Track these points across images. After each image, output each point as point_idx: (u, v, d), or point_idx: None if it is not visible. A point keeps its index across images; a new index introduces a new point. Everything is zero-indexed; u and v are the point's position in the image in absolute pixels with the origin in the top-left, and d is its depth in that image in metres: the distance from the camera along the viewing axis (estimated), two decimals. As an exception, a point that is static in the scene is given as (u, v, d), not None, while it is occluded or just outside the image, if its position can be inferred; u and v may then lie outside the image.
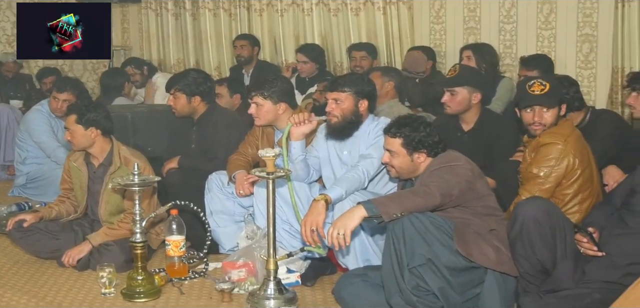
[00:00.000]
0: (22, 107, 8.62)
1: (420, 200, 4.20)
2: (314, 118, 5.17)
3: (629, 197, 4.37)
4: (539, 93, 4.82)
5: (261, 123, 5.52)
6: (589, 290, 4.12)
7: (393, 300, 4.17)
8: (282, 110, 5.46)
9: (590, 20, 7.08)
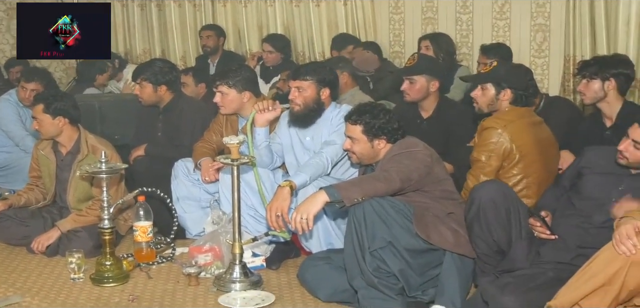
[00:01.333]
0: (-10, 96, 8.54)
1: (380, 185, 4.23)
2: (277, 105, 5.18)
3: (576, 180, 4.43)
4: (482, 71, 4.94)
5: (226, 111, 5.53)
6: (543, 270, 4.18)
7: (355, 281, 4.19)
8: (246, 99, 5.47)
9: (543, 10, 7.14)
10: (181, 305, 4.51)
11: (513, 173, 4.76)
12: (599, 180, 4.32)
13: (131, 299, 4.57)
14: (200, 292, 4.68)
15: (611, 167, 4.29)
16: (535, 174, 4.79)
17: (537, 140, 4.84)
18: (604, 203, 4.23)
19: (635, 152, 4.15)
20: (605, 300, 3.75)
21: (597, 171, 4.36)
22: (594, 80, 5.05)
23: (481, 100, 4.95)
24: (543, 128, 4.97)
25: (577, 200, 4.35)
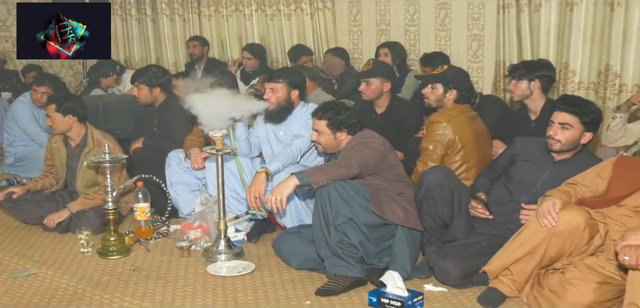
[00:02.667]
0: (10, 98, 8.49)
1: (342, 171, 4.25)
2: None
3: (509, 165, 4.48)
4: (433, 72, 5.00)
5: None
6: (478, 240, 4.25)
7: (322, 252, 4.22)
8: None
9: (478, 22, 7.17)
10: (175, 273, 4.50)
11: (455, 159, 4.79)
12: (528, 166, 4.37)
13: (132, 269, 4.56)
14: (191, 262, 4.69)
15: (538, 155, 4.34)
16: (473, 160, 4.82)
17: (474, 132, 4.87)
18: (531, 186, 4.28)
19: (564, 132, 4.18)
20: (531, 265, 3.81)
21: (526, 159, 4.40)
22: (522, 81, 5.10)
23: (431, 97, 4.99)
24: (478, 121, 5.01)
25: (509, 183, 4.40)
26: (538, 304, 3.79)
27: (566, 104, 4.25)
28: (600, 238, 3.75)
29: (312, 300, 4.02)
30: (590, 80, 6.39)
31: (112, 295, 4.16)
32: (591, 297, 3.64)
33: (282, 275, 4.42)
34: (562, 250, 3.73)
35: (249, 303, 4.01)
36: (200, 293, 4.18)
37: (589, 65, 6.37)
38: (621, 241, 3.31)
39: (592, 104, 4.37)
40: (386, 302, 3.84)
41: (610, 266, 3.68)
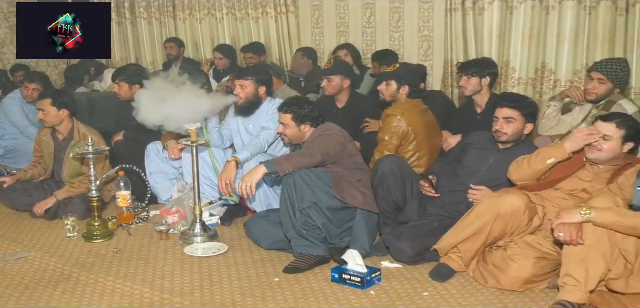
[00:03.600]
0: (0, 95, 8.34)
1: (306, 160, 4.26)
2: None
3: (461, 153, 4.52)
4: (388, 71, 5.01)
5: None
6: (430, 221, 4.28)
7: (289, 233, 4.22)
8: (204, 96, 5.45)
9: (428, 25, 7.19)
10: (155, 255, 4.48)
11: (409, 149, 4.81)
12: (476, 153, 4.41)
13: (116, 252, 4.53)
14: (170, 244, 4.67)
15: (486, 144, 4.39)
16: (425, 150, 4.84)
17: (425, 124, 4.90)
18: (477, 171, 4.33)
19: (509, 126, 4.24)
20: (477, 243, 3.85)
21: (475, 147, 4.45)
22: (474, 78, 5.14)
23: (386, 93, 4.99)
24: (429, 114, 5.03)
25: (459, 169, 4.44)
26: (483, 278, 3.83)
27: (507, 101, 4.31)
28: (538, 219, 3.81)
29: (280, 277, 4.02)
30: (529, 76, 6.45)
31: (97, 276, 4.12)
32: (531, 271, 3.69)
33: (253, 255, 4.41)
34: (505, 230, 3.78)
35: (223, 281, 3.99)
36: (178, 272, 4.16)
37: (528, 63, 6.43)
38: (557, 219, 3.36)
39: (529, 98, 4.47)
40: (347, 277, 3.85)
41: (547, 243, 3.74)
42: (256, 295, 3.78)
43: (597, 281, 3.31)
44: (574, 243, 3.29)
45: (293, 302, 3.67)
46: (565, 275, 3.37)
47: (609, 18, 5.96)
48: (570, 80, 6.13)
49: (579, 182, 3.87)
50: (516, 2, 6.37)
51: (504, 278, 3.72)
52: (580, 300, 3.33)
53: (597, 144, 3.71)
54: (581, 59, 6.13)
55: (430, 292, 3.77)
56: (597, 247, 3.29)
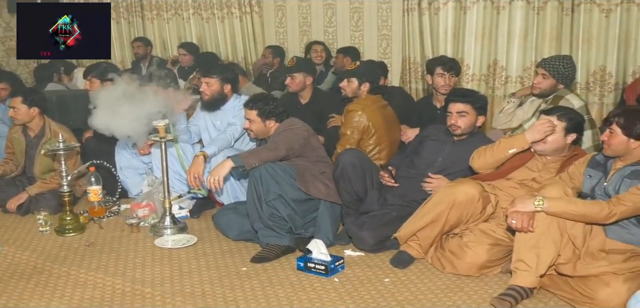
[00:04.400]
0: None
1: (271, 154, 4.27)
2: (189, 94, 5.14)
3: (419, 145, 4.55)
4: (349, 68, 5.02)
5: None
6: (389, 211, 4.29)
7: (255, 224, 4.22)
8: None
9: (386, 24, 7.24)
10: (126, 247, 4.43)
11: (369, 143, 4.83)
12: (432, 145, 4.45)
13: (87, 245, 4.47)
14: (141, 237, 4.63)
15: (442, 136, 4.43)
16: (385, 143, 4.86)
17: (385, 118, 4.92)
18: (433, 162, 4.38)
19: (462, 119, 4.29)
20: (434, 231, 3.89)
21: (432, 139, 4.49)
22: (455, 77, 5.17)
23: (347, 89, 5.00)
24: (388, 109, 5.05)
25: (416, 160, 4.48)
26: (441, 264, 3.87)
27: (459, 96, 4.37)
28: (491, 207, 3.87)
29: (248, 267, 4.01)
30: (482, 73, 6.54)
31: (69, 268, 4.07)
32: (485, 257, 3.74)
33: (221, 246, 4.40)
34: (460, 218, 3.83)
35: (193, 271, 3.97)
36: (149, 263, 4.13)
37: (480, 60, 6.52)
38: (511, 207, 3.42)
39: (479, 92, 4.55)
40: (312, 266, 3.86)
41: (500, 230, 3.79)
42: (225, 284, 3.77)
43: (547, 266, 3.37)
44: (525, 230, 3.35)
45: (260, 290, 3.67)
46: (517, 260, 3.42)
47: (556, 17, 6.08)
48: (520, 76, 6.23)
49: (528, 172, 3.94)
50: (469, 2, 6.45)
51: (460, 264, 3.77)
52: (531, 284, 3.39)
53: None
54: (530, 56, 6.24)
55: (391, 278, 3.79)
56: (547, 234, 3.34)
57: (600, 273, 3.26)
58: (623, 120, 3.38)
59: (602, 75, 6.00)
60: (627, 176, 3.36)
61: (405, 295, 3.58)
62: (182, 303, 3.56)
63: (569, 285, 3.38)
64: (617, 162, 3.46)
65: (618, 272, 3.24)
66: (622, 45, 5.89)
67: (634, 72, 5.82)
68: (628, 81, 5.84)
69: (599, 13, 5.90)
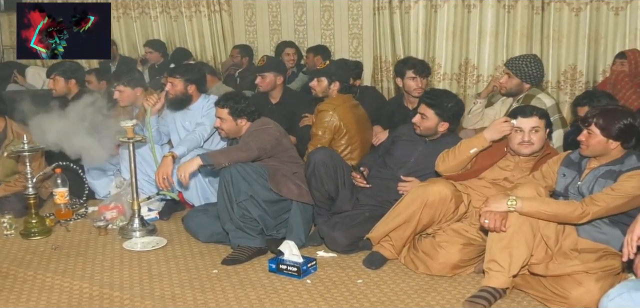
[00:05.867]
0: None
1: (243, 154, 4.26)
2: (161, 95, 5.08)
3: (391, 145, 4.56)
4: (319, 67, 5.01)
5: (124, 104, 5.39)
6: (362, 211, 4.30)
7: (226, 226, 4.20)
8: (139, 93, 5.36)
9: (357, 23, 7.24)
10: (94, 250, 4.38)
11: (341, 143, 4.83)
12: (404, 145, 4.47)
13: (54, 248, 4.40)
14: (109, 240, 4.57)
15: (413, 136, 4.44)
16: (357, 143, 4.87)
17: (356, 118, 4.92)
18: (406, 161, 4.39)
19: (423, 121, 4.32)
20: (407, 231, 3.90)
21: (404, 139, 4.51)
22: (425, 79, 5.16)
23: (317, 89, 5.00)
24: (360, 109, 5.06)
25: (389, 160, 4.49)
26: (414, 265, 3.88)
27: (427, 97, 4.40)
28: (464, 207, 3.89)
29: (218, 269, 3.98)
30: (453, 72, 6.59)
31: (35, 272, 4.00)
32: (458, 257, 3.76)
33: (192, 248, 4.36)
34: (433, 218, 3.84)
35: (162, 274, 3.93)
36: (117, 266, 4.08)
37: (452, 59, 6.57)
38: (484, 206, 3.43)
39: (453, 98, 4.46)
40: (284, 267, 3.85)
41: (473, 230, 3.81)
42: (195, 287, 3.73)
43: (520, 266, 3.39)
44: (498, 230, 3.37)
45: (232, 293, 3.64)
46: (490, 260, 3.44)
47: (526, 16, 6.15)
48: (491, 75, 6.28)
49: (500, 171, 3.96)
50: (440, 1, 6.50)
51: (434, 264, 3.78)
52: (504, 284, 3.41)
53: (529, 138, 3.82)
54: (501, 55, 6.30)
55: (364, 279, 3.79)
56: (520, 234, 3.36)
57: (573, 273, 3.30)
58: (602, 121, 3.40)
59: (573, 73, 6.07)
60: (602, 176, 3.40)
61: (378, 296, 3.58)
62: (151, 307, 3.52)
63: (542, 284, 3.41)
64: (592, 162, 3.50)
65: (590, 271, 3.28)
66: (592, 43, 5.97)
67: (604, 70, 5.90)
68: (598, 79, 5.93)
69: (569, 12, 5.97)
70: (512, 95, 4.85)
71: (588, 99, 4.39)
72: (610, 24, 5.87)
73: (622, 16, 5.82)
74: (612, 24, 5.86)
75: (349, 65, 5.41)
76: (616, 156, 3.43)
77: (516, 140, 3.86)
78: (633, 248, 2.87)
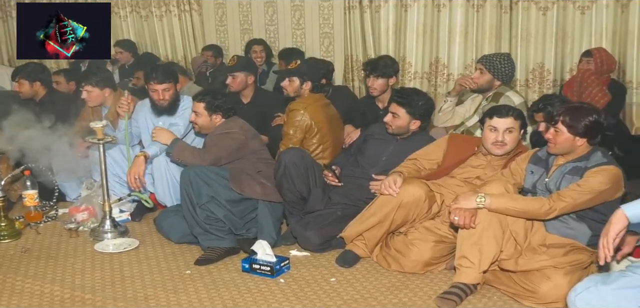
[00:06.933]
0: None
1: (197, 160, 4.39)
2: (131, 99, 5.04)
3: (363, 144, 4.60)
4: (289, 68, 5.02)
5: (92, 104, 5.33)
6: (334, 210, 4.31)
7: (195, 230, 4.24)
8: (107, 94, 5.31)
9: (328, 22, 7.26)
10: (65, 252, 4.35)
11: (312, 142, 4.85)
12: (376, 143, 4.51)
13: (23, 251, 4.37)
14: (80, 242, 4.55)
15: (385, 134, 4.49)
16: (328, 142, 4.89)
17: (328, 117, 4.95)
18: (378, 160, 4.43)
19: (394, 120, 4.37)
20: (381, 231, 3.94)
21: (376, 137, 4.55)
22: (382, 78, 5.21)
23: (289, 89, 5.00)
24: (331, 108, 5.08)
25: (361, 158, 4.53)
26: (387, 263, 3.92)
27: (398, 96, 4.46)
28: (437, 206, 3.94)
29: (191, 270, 3.99)
30: (424, 70, 6.64)
31: (5, 275, 3.97)
32: (430, 254, 3.80)
33: (164, 249, 4.36)
34: (407, 218, 3.89)
35: (135, 276, 3.93)
36: (89, 269, 4.06)
37: (422, 58, 6.62)
38: (453, 204, 3.49)
39: (424, 96, 4.53)
40: (257, 267, 3.86)
41: (444, 227, 3.86)
42: (168, 288, 3.74)
43: (490, 261, 3.45)
44: (467, 227, 3.42)
45: (205, 293, 3.65)
46: (460, 257, 3.50)
47: (495, 15, 6.22)
48: (461, 74, 6.35)
49: (472, 170, 4.02)
50: (410, 0, 6.54)
51: (406, 261, 3.82)
52: (475, 280, 3.47)
53: (502, 139, 3.89)
54: (471, 53, 6.37)
55: (337, 277, 3.83)
56: (489, 230, 3.42)
57: (541, 268, 3.36)
58: (569, 119, 3.47)
59: (541, 72, 6.16)
60: (568, 172, 3.48)
61: (351, 294, 3.61)
62: (124, 309, 3.52)
63: (511, 280, 3.47)
64: (559, 159, 3.58)
65: (559, 266, 3.35)
66: (559, 42, 6.06)
67: (571, 68, 5.99)
68: (566, 77, 6.02)
69: (537, 11, 6.06)
70: (482, 91, 4.92)
71: (544, 104, 4.41)
72: (577, 23, 5.96)
73: (588, 15, 5.91)
74: (579, 23, 5.96)
75: (319, 64, 5.43)
76: (582, 153, 3.51)
77: (490, 140, 3.93)
78: (610, 251, 2.87)
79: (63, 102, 5.84)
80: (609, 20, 5.85)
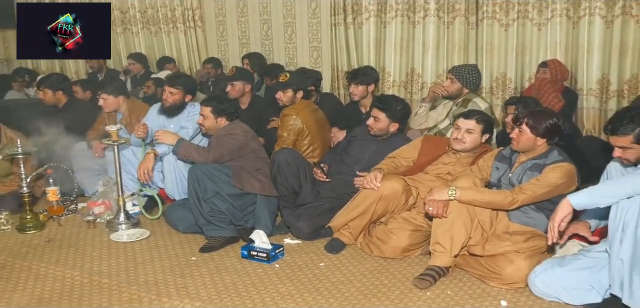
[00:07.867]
0: None
1: (200, 158, 4.37)
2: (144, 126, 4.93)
3: (348, 144, 4.59)
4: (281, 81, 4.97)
5: (108, 110, 5.30)
6: (323, 203, 4.32)
7: (199, 221, 4.21)
8: (121, 101, 5.28)
9: (317, 37, 7.24)
10: (84, 242, 4.32)
11: (304, 143, 4.83)
12: (360, 143, 4.51)
13: (47, 241, 4.34)
14: (97, 232, 4.52)
15: (367, 136, 4.49)
16: (317, 143, 4.87)
17: (317, 121, 4.93)
18: (361, 159, 4.42)
19: (376, 123, 4.37)
20: (364, 221, 3.93)
21: (359, 138, 4.54)
22: (362, 86, 5.20)
23: (284, 99, 4.93)
24: (319, 113, 5.06)
25: (346, 157, 4.52)
26: (369, 249, 3.91)
27: (378, 102, 4.45)
28: (413, 198, 3.94)
29: (196, 256, 3.96)
30: (401, 79, 6.63)
31: (31, 263, 3.94)
32: (407, 241, 3.80)
33: (172, 238, 4.33)
34: (386, 209, 3.89)
35: (146, 262, 3.90)
36: (105, 256, 4.04)
37: (400, 68, 6.62)
38: (428, 196, 3.49)
39: (401, 102, 4.51)
40: (255, 254, 3.85)
41: (420, 217, 3.86)
42: (176, 273, 3.71)
43: (460, 247, 3.46)
44: (440, 216, 3.43)
45: (208, 277, 3.63)
46: (434, 243, 3.50)
47: (463, 30, 6.23)
48: (434, 82, 6.34)
49: (443, 167, 4.03)
50: (388, 18, 6.54)
51: (386, 248, 3.82)
52: (447, 263, 3.47)
53: (461, 137, 3.89)
54: (442, 65, 6.38)
55: (326, 262, 3.82)
56: (459, 219, 3.43)
57: (505, 252, 3.37)
58: (532, 121, 3.49)
59: (503, 80, 6.17)
60: (529, 168, 3.49)
61: (338, 277, 3.60)
62: (136, 292, 3.49)
63: (479, 263, 3.47)
64: (521, 156, 3.59)
65: (520, 251, 3.36)
66: (519, 54, 6.07)
67: (530, 77, 6.01)
68: (525, 85, 6.03)
69: (499, 27, 6.06)
70: (452, 98, 4.92)
71: (517, 101, 4.53)
72: (534, 37, 5.97)
73: (544, 31, 5.92)
74: (536, 37, 5.96)
75: (308, 74, 5.42)
76: (542, 151, 3.52)
77: (452, 136, 3.99)
78: (555, 233, 2.97)
79: (82, 109, 5.81)
80: (562, 35, 5.85)
